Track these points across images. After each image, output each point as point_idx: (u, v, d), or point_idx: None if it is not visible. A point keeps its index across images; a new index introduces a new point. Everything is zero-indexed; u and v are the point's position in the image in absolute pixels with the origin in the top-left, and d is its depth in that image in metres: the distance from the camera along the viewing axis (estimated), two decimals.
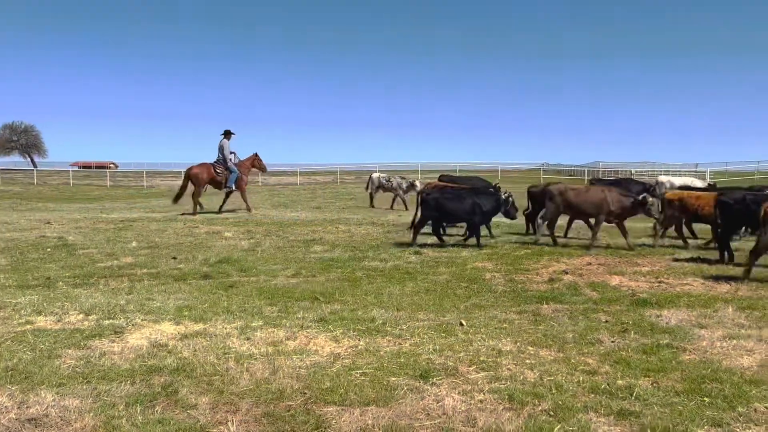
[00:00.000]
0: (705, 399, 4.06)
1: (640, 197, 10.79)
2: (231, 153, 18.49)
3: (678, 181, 18.65)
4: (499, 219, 12.65)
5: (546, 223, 11.65)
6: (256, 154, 19.21)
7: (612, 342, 5.37)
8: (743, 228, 11.17)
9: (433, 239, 11.91)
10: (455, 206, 11.06)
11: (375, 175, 21.30)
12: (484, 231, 11.88)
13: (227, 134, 18.44)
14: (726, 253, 9.61)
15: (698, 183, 17.62)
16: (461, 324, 5.93)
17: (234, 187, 18.33)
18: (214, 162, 18.35)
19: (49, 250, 10.73)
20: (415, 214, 11.79)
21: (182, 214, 17.12)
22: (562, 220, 12.51)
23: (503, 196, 11.50)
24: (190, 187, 18.18)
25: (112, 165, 78.48)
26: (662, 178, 19.01)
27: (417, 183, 19.68)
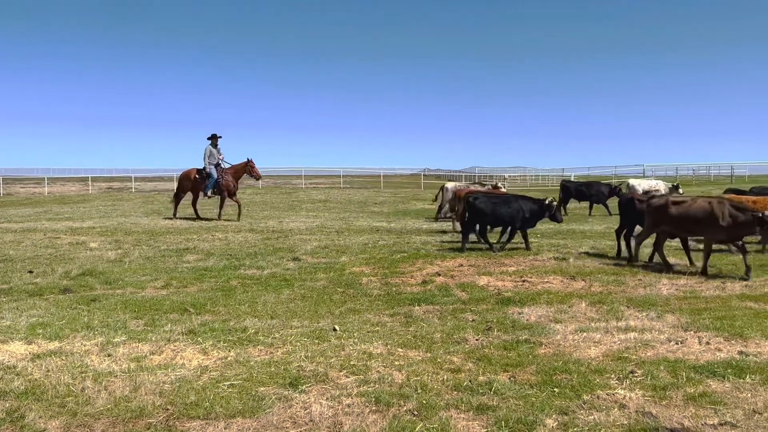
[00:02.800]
0: (555, 389, 4.37)
1: (760, 214, 8.44)
2: (217, 159, 17.72)
3: (645, 183, 19.86)
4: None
5: (640, 241, 10.13)
6: (249, 160, 18.23)
7: (476, 340, 5.64)
8: None
9: (315, 245, 11.93)
10: (502, 210, 11.18)
11: (450, 185, 17.88)
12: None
13: (213, 138, 17.77)
14: None
15: (662, 186, 18.90)
16: (335, 329, 5.97)
17: (210, 194, 17.81)
18: (201, 168, 17.99)
19: None
20: (462, 219, 11.75)
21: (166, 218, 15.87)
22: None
23: (547, 201, 11.44)
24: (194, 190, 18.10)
25: None
26: (632, 182, 20.26)
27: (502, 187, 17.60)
